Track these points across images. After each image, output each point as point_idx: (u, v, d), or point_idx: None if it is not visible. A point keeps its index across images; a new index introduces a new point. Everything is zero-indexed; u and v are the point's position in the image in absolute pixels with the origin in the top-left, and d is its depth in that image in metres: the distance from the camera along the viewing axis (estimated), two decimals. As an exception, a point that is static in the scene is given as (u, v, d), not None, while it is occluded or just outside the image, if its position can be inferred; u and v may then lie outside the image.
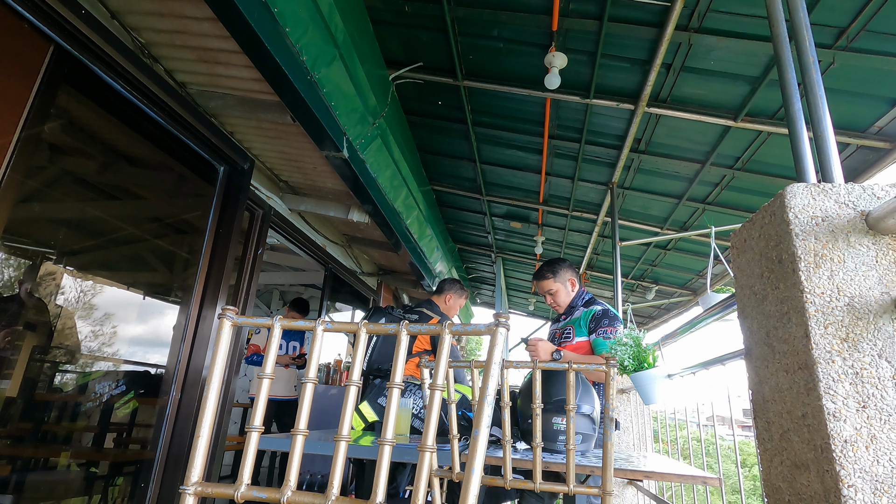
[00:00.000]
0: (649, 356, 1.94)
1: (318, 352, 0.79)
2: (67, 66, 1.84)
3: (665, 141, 3.58)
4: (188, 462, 0.74)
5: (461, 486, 0.64)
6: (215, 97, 2.47)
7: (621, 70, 3.01)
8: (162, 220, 3.45)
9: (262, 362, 4.60)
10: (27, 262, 3.22)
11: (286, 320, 0.82)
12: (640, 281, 6.37)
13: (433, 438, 0.69)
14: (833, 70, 2.52)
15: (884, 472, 0.86)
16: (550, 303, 2.49)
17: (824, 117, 1.19)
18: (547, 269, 2.46)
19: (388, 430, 0.70)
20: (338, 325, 0.81)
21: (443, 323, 0.73)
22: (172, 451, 2.35)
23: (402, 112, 3.62)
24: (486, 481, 1.25)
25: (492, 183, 4.90)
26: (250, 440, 0.75)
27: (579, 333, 2.30)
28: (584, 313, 2.34)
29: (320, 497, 0.69)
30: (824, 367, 0.91)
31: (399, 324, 0.77)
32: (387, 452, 0.69)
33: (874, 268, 0.97)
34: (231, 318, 0.82)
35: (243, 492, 0.72)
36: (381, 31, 2.99)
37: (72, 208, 3.15)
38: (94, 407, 2.72)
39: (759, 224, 1.14)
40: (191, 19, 2.00)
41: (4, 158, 1.61)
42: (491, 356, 0.70)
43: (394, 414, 0.72)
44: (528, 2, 2.70)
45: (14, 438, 2.44)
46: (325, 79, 2.25)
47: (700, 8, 2.48)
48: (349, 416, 0.74)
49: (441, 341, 0.74)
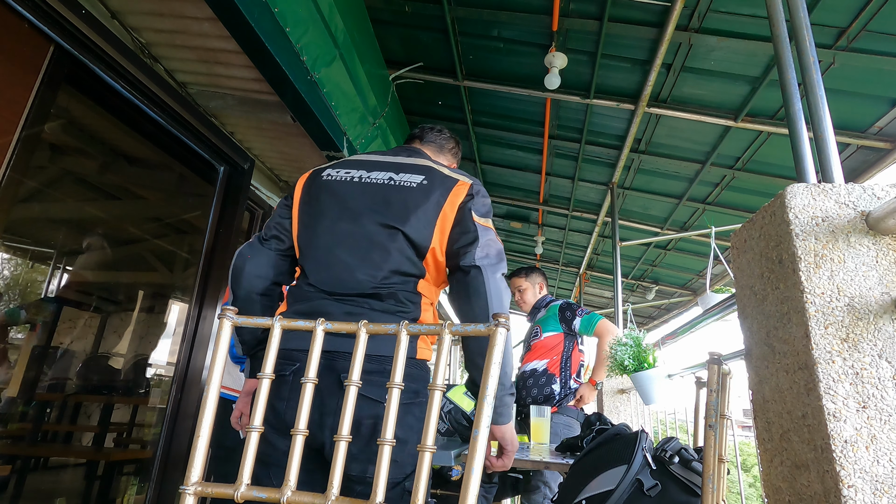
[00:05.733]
0: (649, 356, 1.94)
1: (317, 352, 0.79)
2: (68, 66, 1.84)
3: (665, 141, 3.58)
4: (188, 462, 0.74)
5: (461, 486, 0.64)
6: (215, 97, 2.47)
7: (621, 70, 3.01)
8: (162, 219, 3.45)
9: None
10: (27, 261, 3.22)
11: (286, 321, 0.82)
12: (640, 281, 6.37)
13: (433, 438, 0.69)
14: (833, 70, 2.52)
15: (884, 472, 0.86)
16: (518, 299, 2.87)
17: (824, 117, 1.19)
18: (523, 270, 2.92)
19: (387, 430, 0.70)
20: (338, 326, 0.81)
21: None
22: (172, 451, 2.35)
23: (402, 112, 3.62)
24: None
25: (492, 183, 4.90)
26: (250, 440, 0.75)
27: (547, 329, 2.63)
28: (549, 310, 2.70)
29: (320, 497, 0.69)
30: (824, 368, 0.91)
31: (399, 324, 0.77)
32: (387, 452, 0.70)
33: (874, 268, 0.97)
34: (231, 318, 0.82)
35: (243, 492, 0.72)
36: (381, 31, 2.99)
37: (72, 208, 3.15)
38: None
39: (759, 224, 1.14)
40: (191, 19, 2.00)
41: (4, 158, 1.61)
42: (491, 356, 0.70)
43: (394, 414, 0.72)
44: (528, 2, 2.70)
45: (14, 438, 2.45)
46: (325, 79, 2.25)
47: (700, 8, 2.48)
48: (349, 416, 0.74)
49: (441, 342, 0.74)
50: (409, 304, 1.08)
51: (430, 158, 1.27)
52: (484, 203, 1.17)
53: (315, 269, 1.13)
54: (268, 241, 1.21)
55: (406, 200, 1.13)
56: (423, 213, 1.11)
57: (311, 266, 1.14)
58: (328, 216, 1.15)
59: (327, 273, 1.11)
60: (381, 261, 1.09)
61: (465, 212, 1.13)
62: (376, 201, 1.14)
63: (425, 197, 1.13)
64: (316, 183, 1.21)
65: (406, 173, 1.18)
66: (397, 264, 1.09)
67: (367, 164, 1.22)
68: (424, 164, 1.22)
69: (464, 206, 1.14)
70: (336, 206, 1.16)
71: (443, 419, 2.22)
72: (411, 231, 1.10)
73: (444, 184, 1.16)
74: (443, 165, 1.25)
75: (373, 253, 1.10)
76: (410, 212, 1.11)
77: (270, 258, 1.20)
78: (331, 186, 1.19)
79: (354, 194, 1.16)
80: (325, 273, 1.11)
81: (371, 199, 1.15)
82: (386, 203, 1.13)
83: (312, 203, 1.18)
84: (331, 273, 1.10)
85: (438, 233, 1.12)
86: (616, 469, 1.22)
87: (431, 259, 1.12)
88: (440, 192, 1.14)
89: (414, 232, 1.10)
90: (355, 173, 1.20)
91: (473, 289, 1.05)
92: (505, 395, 1.09)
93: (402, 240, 1.10)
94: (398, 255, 1.09)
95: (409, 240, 1.10)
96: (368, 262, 1.09)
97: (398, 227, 1.10)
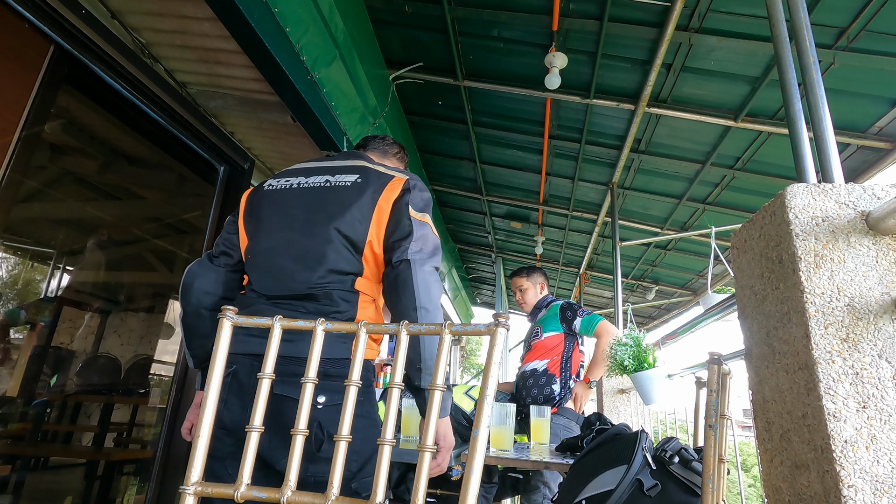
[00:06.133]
0: (649, 356, 1.94)
1: (317, 352, 0.79)
2: (68, 66, 1.84)
3: (665, 141, 3.58)
4: (188, 462, 0.74)
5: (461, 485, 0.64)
6: (216, 97, 2.47)
7: (622, 70, 3.01)
8: (162, 219, 3.46)
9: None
10: (27, 261, 3.22)
11: (286, 320, 0.82)
12: (640, 281, 6.37)
13: (433, 438, 0.69)
14: (833, 70, 2.52)
15: (884, 472, 0.86)
16: (519, 299, 2.86)
17: (824, 117, 1.19)
18: (524, 270, 2.89)
19: (387, 430, 0.70)
20: (338, 326, 0.81)
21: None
22: (172, 451, 2.35)
23: (402, 112, 3.62)
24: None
25: (492, 183, 4.90)
26: (250, 440, 0.75)
27: (548, 329, 2.62)
28: (549, 310, 2.69)
29: (320, 497, 0.69)
30: (824, 368, 0.91)
31: (400, 324, 0.77)
32: (386, 452, 0.70)
33: (874, 268, 0.97)
34: (231, 317, 0.82)
35: (243, 492, 0.72)
36: (381, 31, 2.98)
37: (72, 208, 3.15)
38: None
39: (759, 224, 1.14)
40: (191, 19, 2.00)
41: (4, 158, 1.61)
42: (491, 356, 0.70)
43: (393, 414, 0.72)
44: (528, 2, 2.70)
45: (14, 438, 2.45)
46: (325, 79, 2.25)
47: (700, 8, 2.48)
48: (349, 416, 0.74)
49: (441, 342, 0.74)
50: (343, 303, 1.11)
51: (370, 160, 1.30)
52: (422, 198, 1.19)
53: (257, 275, 1.17)
54: (217, 258, 1.27)
55: (342, 199, 1.17)
56: (358, 209, 1.15)
57: (254, 273, 1.18)
58: (269, 224, 1.20)
59: (268, 278, 1.15)
60: (316, 261, 1.12)
61: (401, 206, 1.16)
62: (313, 204, 1.18)
63: (360, 194, 1.17)
64: (258, 195, 1.26)
65: (342, 174, 1.23)
66: (334, 263, 1.12)
67: (305, 171, 1.27)
68: (359, 163, 1.26)
69: (399, 200, 1.17)
70: (276, 213, 1.20)
71: None
72: (346, 228, 1.13)
73: (379, 180, 1.20)
74: (382, 165, 1.28)
75: (309, 254, 1.13)
76: (346, 209, 1.15)
77: (220, 274, 1.24)
78: (271, 196, 1.23)
79: (293, 200, 1.20)
80: (266, 278, 1.15)
81: (308, 203, 1.18)
82: (323, 204, 1.17)
83: (255, 214, 1.24)
84: (271, 278, 1.15)
85: (375, 227, 1.14)
86: (616, 469, 1.22)
87: (370, 254, 1.15)
88: (374, 188, 1.18)
89: (349, 228, 1.13)
90: (294, 180, 1.25)
91: (402, 282, 1.07)
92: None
93: (338, 238, 1.13)
94: (334, 255, 1.12)
95: (345, 237, 1.13)
96: (304, 264, 1.12)
97: (334, 226, 1.13)
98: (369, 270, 1.16)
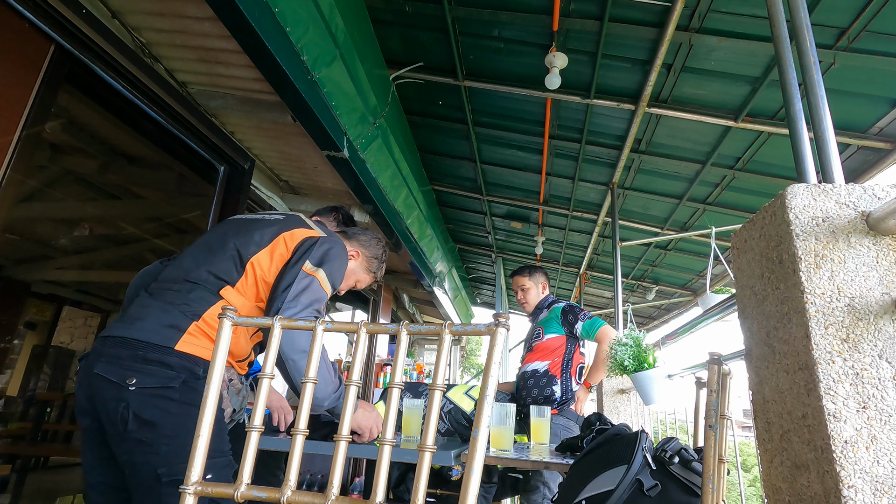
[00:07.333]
0: (649, 356, 1.94)
1: (317, 352, 0.79)
2: (68, 66, 1.84)
3: (665, 141, 3.58)
4: (188, 462, 0.74)
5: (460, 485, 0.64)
6: (216, 97, 2.47)
7: (622, 70, 3.01)
8: (162, 219, 3.45)
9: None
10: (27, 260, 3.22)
11: (286, 321, 0.82)
12: (640, 281, 6.37)
13: (433, 438, 0.69)
14: (834, 70, 2.52)
15: (884, 472, 0.86)
16: (520, 298, 2.85)
17: (825, 118, 1.19)
18: (526, 269, 2.89)
19: (387, 429, 0.70)
20: (338, 325, 0.81)
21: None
22: (172, 451, 2.34)
23: (402, 112, 3.61)
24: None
25: (492, 183, 4.90)
26: (250, 440, 0.75)
27: (549, 331, 2.62)
28: (551, 312, 2.68)
29: (320, 497, 0.69)
30: (824, 368, 0.91)
31: (399, 324, 0.77)
32: (386, 452, 0.69)
33: (875, 268, 0.97)
34: (231, 318, 0.82)
35: (243, 491, 0.72)
36: (381, 31, 2.98)
37: (72, 207, 3.15)
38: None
39: (759, 224, 1.14)
40: (191, 19, 1.99)
41: (5, 158, 1.61)
42: (491, 356, 0.70)
43: (393, 414, 0.72)
44: (528, 2, 2.70)
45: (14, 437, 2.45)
46: (325, 78, 2.25)
47: (700, 8, 2.48)
48: (349, 415, 0.74)
49: (441, 342, 0.74)
50: (195, 300, 1.22)
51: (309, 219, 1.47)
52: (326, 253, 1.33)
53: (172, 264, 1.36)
54: (164, 260, 1.44)
55: (259, 225, 1.37)
56: (261, 234, 1.34)
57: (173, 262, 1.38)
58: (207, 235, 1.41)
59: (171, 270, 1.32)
60: (204, 260, 1.29)
61: (300, 254, 1.30)
62: (240, 228, 1.38)
63: (271, 225, 1.37)
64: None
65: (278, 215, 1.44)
66: (215, 267, 1.28)
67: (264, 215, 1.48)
68: (297, 215, 1.45)
69: (301, 246, 1.32)
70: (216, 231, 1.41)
71: (443, 419, 2.22)
72: (241, 243, 1.32)
73: (297, 223, 1.38)
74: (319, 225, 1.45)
75: (203, 255, 1.31)
76: (253, 231, 1.35)
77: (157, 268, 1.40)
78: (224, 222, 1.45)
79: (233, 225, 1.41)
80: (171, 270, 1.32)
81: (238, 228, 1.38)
82: (246, 229, 1.36)
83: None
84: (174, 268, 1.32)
85: (267, 253, 1.30)
86: (616, 469, 1.22)
87: (252, 271, 1.29)
88: (285, 225, 1.37)
89: (243, 245, 1.31)
90: (248, 215, 1.46)
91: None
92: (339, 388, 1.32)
93: (232, 248, 1.31)
94: (220, 261, 1.29)
95: (237, 250, 1.31)
96: (194, 260, 1.30)
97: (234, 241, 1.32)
98: (243, 285, 1.28)
